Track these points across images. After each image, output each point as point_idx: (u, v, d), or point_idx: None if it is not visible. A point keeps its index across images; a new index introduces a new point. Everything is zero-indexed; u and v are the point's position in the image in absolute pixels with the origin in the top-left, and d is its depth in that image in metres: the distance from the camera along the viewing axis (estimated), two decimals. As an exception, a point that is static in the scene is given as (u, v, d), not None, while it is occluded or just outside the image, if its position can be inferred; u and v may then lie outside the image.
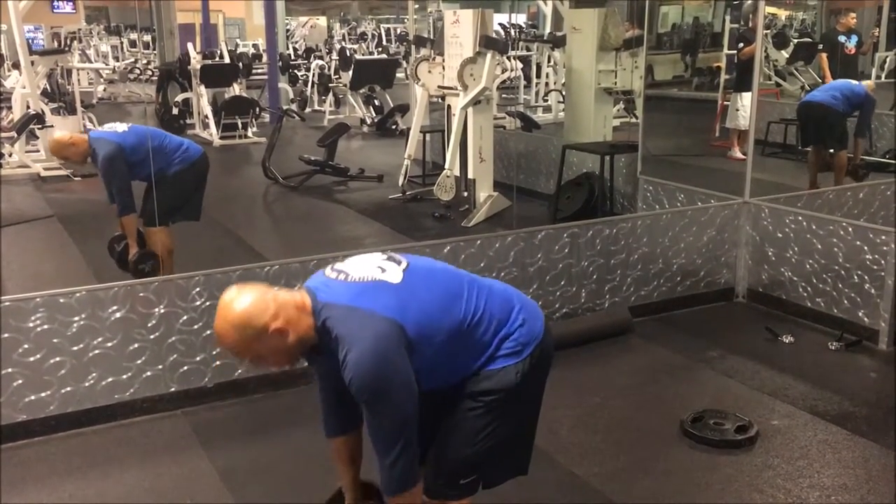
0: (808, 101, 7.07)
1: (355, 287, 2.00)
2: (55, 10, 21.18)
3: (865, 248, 4.27)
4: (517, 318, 2.11)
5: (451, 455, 2.12)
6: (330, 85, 13.93)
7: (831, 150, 6.97)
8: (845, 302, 4.40)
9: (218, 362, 3.67)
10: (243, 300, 1.92)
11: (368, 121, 12.42)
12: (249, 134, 11.39)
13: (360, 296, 1.98)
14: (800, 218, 4.62)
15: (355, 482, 2.28)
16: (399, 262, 2.08)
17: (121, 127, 4.70)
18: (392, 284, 2.00)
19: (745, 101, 8.03)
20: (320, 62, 15.29)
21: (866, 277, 4.28)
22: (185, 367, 3.63)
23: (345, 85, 13.24)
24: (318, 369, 2.19)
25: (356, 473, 2.28)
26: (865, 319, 4.31)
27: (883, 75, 11.84)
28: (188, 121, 11.96)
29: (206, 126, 11.44)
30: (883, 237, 4.21)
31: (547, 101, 12.61)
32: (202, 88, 11.42)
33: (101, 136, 4.63)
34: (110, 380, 3.50)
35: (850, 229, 4.37)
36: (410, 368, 1.93)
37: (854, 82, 6.91)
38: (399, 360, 1.91)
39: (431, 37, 9.27)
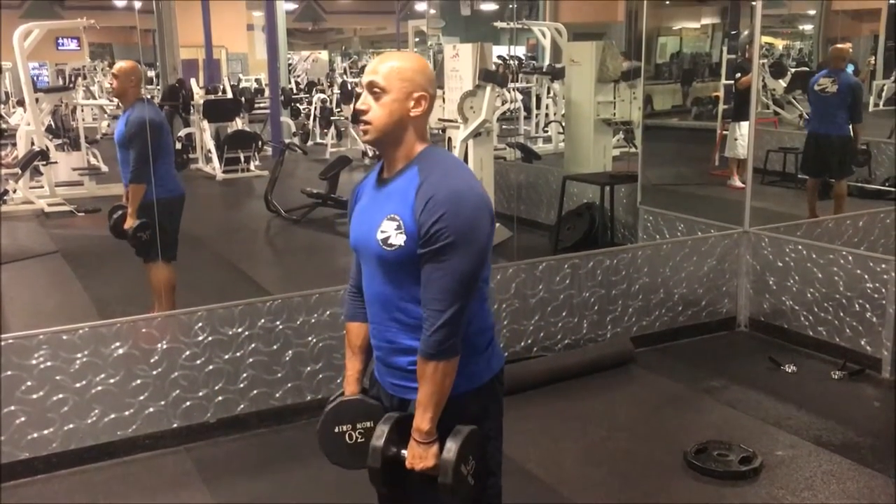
0: (817, 133, 6.95)
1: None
2: (60, 48, 21.43)
3: (866, 276, 4.28)
4: (492, 337, 2.05)
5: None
6: (332, 118, 14.04)
7: (832, 179, 6.98)
8: (847, 331, 4.40)
9: (220, 398, 3.67)
10: (431, 69, 1.96)
11: (370, 153, 12.49)
12: (252, 167, 11.46)
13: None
14: (800, 247, 4.63)
15: (360, 376, 2.14)
16: None
17: None
18: None
19: (744, 130, 8.09)
20: (322, 96, 15.43)
21: (868, 306, 4.28)
22: (188, 403, 3.63)
23: (346, 118, 13.34)
24: (356, 232, 2.02)
25: (363, 368, 2.14)
26: (868, 348, 4.31)
27: (881, 103, 11.94)
28: (191, 155, 12.04)
29: (209, 160, 11.52)
30: (883, 265, 4.21)
31: (547, 132, 12.70)
32: (205, 123, 11.51)
33: (152, 104, 4.73)
34: (113, 416, 3.50)
35: (850, 258, 4.38)
36: (491, 242, 1.89)
37: (833, 87, 6.73)
38: (488, 227, 1.86)
39: (431, 70, 9.36)
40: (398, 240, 1.85)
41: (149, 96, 4.78)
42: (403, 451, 1.91)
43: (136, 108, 4.49)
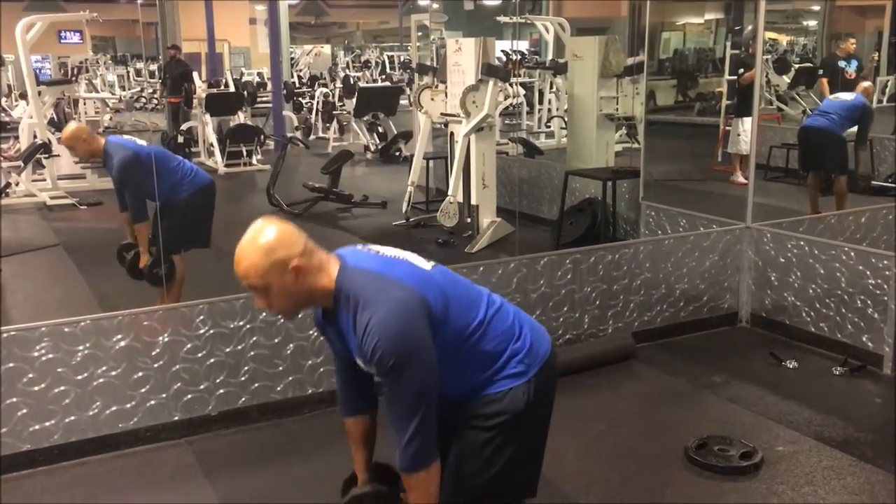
0: (807, 126, 7.08)
1: (386, 259, 2.05)
2: (62, 41, 21.40)
3: (868, 272, 4.27)
4: (525, 338, 2.13)
5: (464, 484, 2.11)
6: (334, 112, 14.03)
7: (832, 175, 6.98)
8: (849, 327, 4.39)
9: (221, 391, 3.68)
10: (277, 228, 1.96)
11: (372, 148, 12.50)
12: (254, 161, 11.46)
13: (389, 266, 2.01)
14: (802, 243, 4.63)
15: (368, 464, 2.25)
16: (428, 260, 2.13)
17: (140, 140, 4.76)
18: (420, 267, 2.06)
19: (747, 125, 8.07)
20: (324, 90, 15.41)
21: (869, 302, 4.28)
22: (189, 396, 3.63)
23: (349, 112, 13.34)
24: (333, 348, 2.17)
25: (369, 455, 2.25)
26: (869, 344, 4.30)
27: (884, 99, 11.90)
28: (193, 149, 12.03)
29: (211, 154, 11.52)
30: (885, 262, 4.21)
31: (549, 127, 12.68)
32: (207, 117, 11.51)
33: (119, 142, 4.65)
34: (114, 409, 3.50)
35: (852, 254, 4.38)
36: (432, 343, 1.93)
37: (850, 96, 6.87)
38: (423, 331, 1.92)
39: (434, 65, 9.35)
40: (371, 371, 1.98)
41: (113, 136, 4.79)
42: None
43: (110, 155, 4.53)
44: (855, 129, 6.87)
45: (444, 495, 2.11)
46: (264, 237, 1.95)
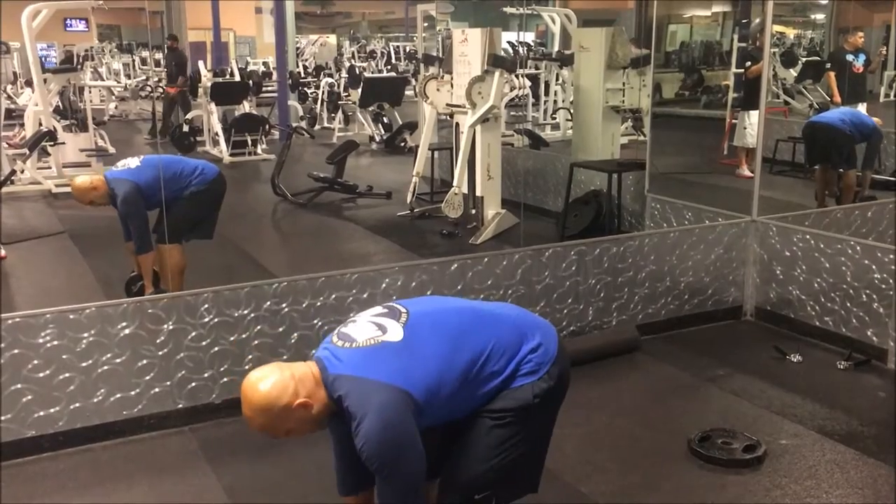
0: (813, 122, 7.06)
1: (360, 353, 2.07)
2: (68, 29, 21.40)
3: (874, 266, 4.26)
4: (531, 343, 2.16)
5: (466, 471, 2.14)
6: (339, 102, 14.01)
7: (840, 170, 6.96)
8: (854, 321, 4.39)
9: (225, 379, 3.69)
10: (264, 385, 2.04)
11: (377, 138, 12.48)
12: (259, 151, 11.46)
13: (365, 363, 2.05)
14: (807, 237, 4.62)
15: None
16: (399, 316, 2.14)
17: (133, 162, 4.74)
18: (394, 344, 2.07)
19: (753, 119, 8.05)
20: (330, 80, 15.39)
21: (874, 296, 4.27)
22: (193, 384, 3.64)
23: (354, 102, 13.31)
24: (332, 431, 2.24)
25: None
26: (874, 339, 4.30)
27: (892, 94, 11.86)
28: (198, 138, 12.04)
29: (216, 143, 11.52)
30: (891, 256, 4.19)
31: (555, 118, 12.65)
32: (212, 106, 11.50)
33: (118, 177, 4.66)
34: (118, 396, 3.51)
35: (857, 248, 4.36)
36: (418, 435, 2.00)
37: (864, 114, 6.89)
38: (406, 427, 1.99)
39: (440, 55, 9.34)
40: None
41: (110, 171, 4.85)
42: None
43: (114, 193, 4.58)
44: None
45: (443, 481, 2.14)
46: (257, 399, 2.05)
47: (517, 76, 7.90)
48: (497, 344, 2.12)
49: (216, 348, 3.66)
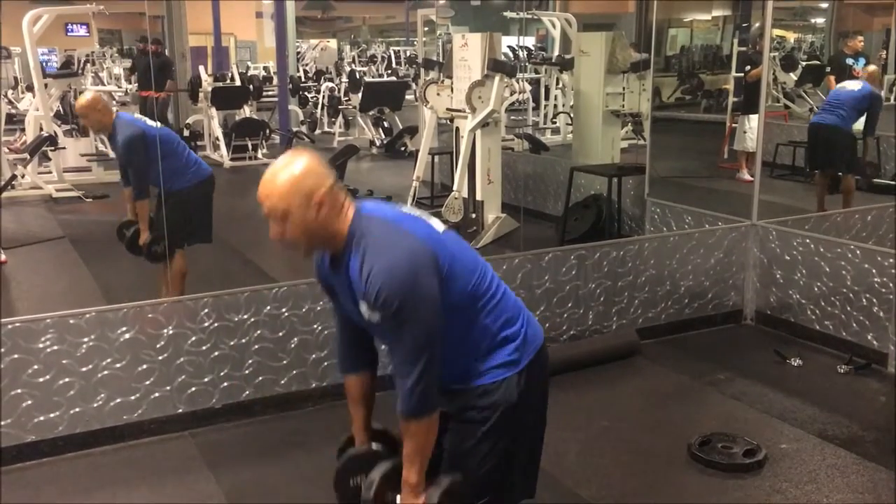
0: (817, 123, 7.03)
1: (401, 213, 2.05)
2: (69, 34, 21.43)
3: (874, 270, 4.26)
4: (522, 325, 2.12)
5: (463, 480, 2.10)
6: (340, 107, 14.02)
7: (839, 173, 6.95)
8: (854, 325, 4.38)
9: (225, 384, 3.69)
10: (309, 160, 1.94)
11: (377, 142, 12.49)
12: (260, 155, 11.45)
13: (404, 219, 2.01)
14: (807, 241, 4.61)
15: (366, 423, 2.22)
16: (439, 225, 2.11)
17: (151, 122, 4.76)
18: (434, 228, 2.04)
19: (753, 123, 8.05)
20: (330, 84, 15.40)
21: (875, 300, 4.27)
22: (193, 389, 3.64)
23: (354, 107, 13.32)
24: (335, 300, 2.15)
25: (368, 415, 2.22)
26: (874, 343, 4.29)
27: (892, 98, 11.85)
28: (199, 142, 12.04)
29: (216, 147, 11.52)
30: (891, 260, 4.19)
31: (555, 123, 12.66)
32: (213, 110, 11.51)
33: (128, 119, 4.66)
34: (118, 401, 3.51)
35: (858, 252, 4.36)
36: (439, 294, 1.92)
37: (857, 85, 6.80)
38: (431, 279, 1.90)
39: (440, 60, 9.33)
40: (374, 317, 1.93)
41: (124, 112, 4.74)
42: (398, 498, 2.00)
43: (117, 130, 4.53)
44: (863, 119, 6.83)
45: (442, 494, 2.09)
46: (296, 165, 1.93)
47: (517, 80, 7.91)
48: (501, 302, 2.08)
49: (216, 353, 3.66)
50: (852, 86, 6.78)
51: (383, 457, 2.10)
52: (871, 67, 7.53)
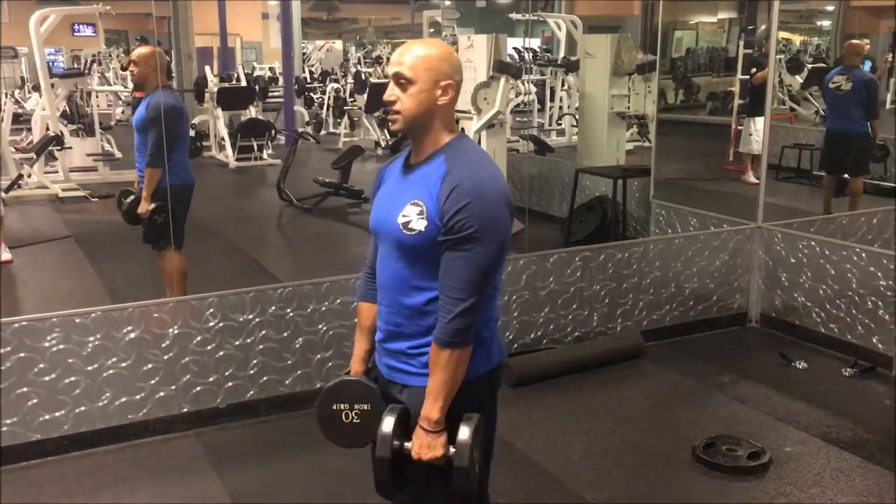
0: (834, 131, 6.95)
1: None
2: (75, 34, 21.48)
3: (879, 273, 4.25)
4: (493, 333, 2.03)
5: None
6: (345, 108, 14.05)
7: (846, 175, 6.94)
8: (859, 328, 4.38)
9: (230, 384, 3.69)
10: (452, 51, 1.96)
11: (383, 143, 12.49)
12: (265, 156, 11.49)
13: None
14: (813, 243, 4.61)
15: (367, 356, 2.16)
16: None
17: None
18: None
19: (759, 125, 8.02)
20: (336, 85, 15.43)
21: (880, 303, 4.26)
22: (198, 388, 3.65)
23: (360, 108, 13.35)
24: (377, 212, 2.07)
25: (371, 349, 2.15)
26: (879, 346, 4.29)
27: (898, 100, 11.81)
28: (204, 143, 12.07)
29: (222, 148, 11.55)
30: (897, 263, 4.19)
31: (560, 124, 12.66)
32: (219, 111, 11.54)
33: (170, 92, 4.71)
34: (123, 400, 3.52)
35: (863, 255, 4.36)
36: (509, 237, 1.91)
37: (848, 84, 6.78)
38: (509, 221, 1.88)
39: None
40: (419, 225, 1.87)
41: (167, 86, 4.72)
42: (406, 444, 1.93)
43: (158, 94, 4.50)
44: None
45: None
46: (440, 47, 1.94)
47: (523, 82, 7.91)
48: (496, 298, 2.03)
49: (221, 353, 3.66)
50: (845, 86, 6.66)
51: (373, 393, 2.02)
52: (854, 42, 7.45)
